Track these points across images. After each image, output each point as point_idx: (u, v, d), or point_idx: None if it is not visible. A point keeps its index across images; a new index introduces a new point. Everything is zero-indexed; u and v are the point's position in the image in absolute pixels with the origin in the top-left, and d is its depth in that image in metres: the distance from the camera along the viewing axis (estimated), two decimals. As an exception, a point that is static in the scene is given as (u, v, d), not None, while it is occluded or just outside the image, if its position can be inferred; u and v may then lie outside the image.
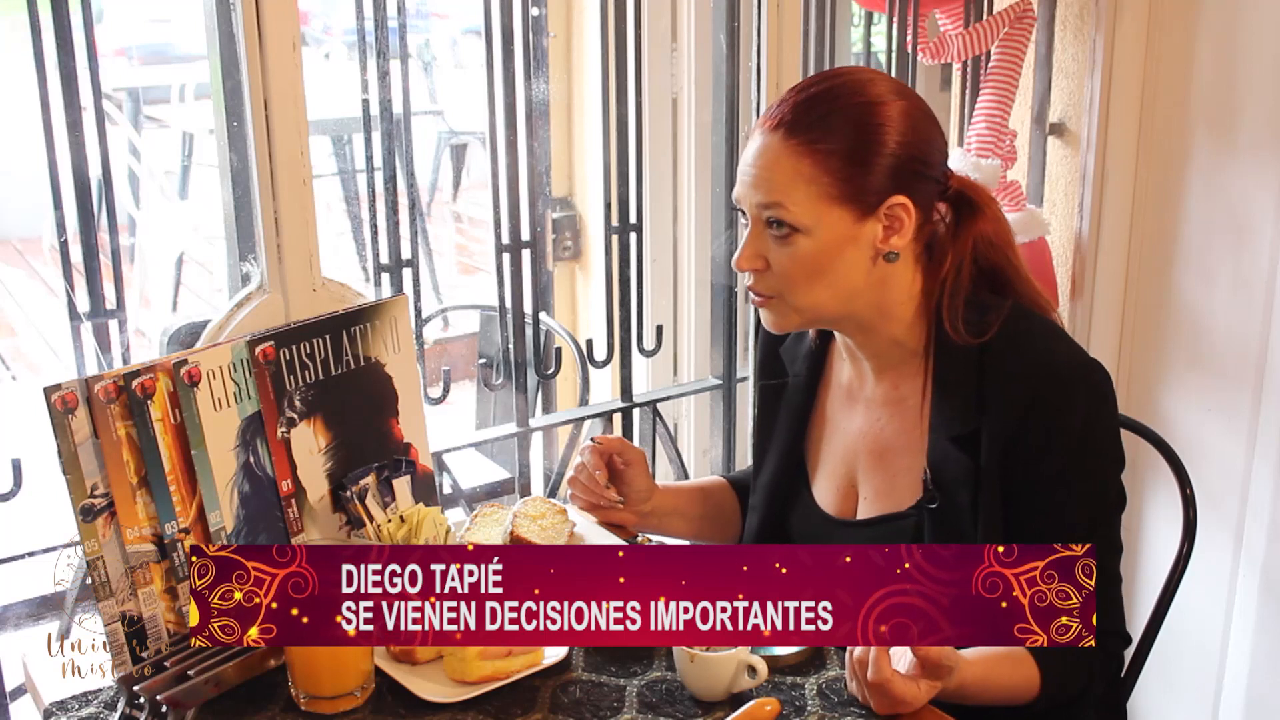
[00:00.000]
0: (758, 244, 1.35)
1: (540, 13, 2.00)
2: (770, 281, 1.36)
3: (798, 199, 1.31)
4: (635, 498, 1.62)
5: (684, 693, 1.30)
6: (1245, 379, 2.23)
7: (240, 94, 1.55)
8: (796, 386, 1.54)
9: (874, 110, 1.31)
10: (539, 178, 1.94)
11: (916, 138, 1.33)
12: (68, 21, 1.47)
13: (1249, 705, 2.31)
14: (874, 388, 1.46)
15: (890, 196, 1.32)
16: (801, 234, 1.32)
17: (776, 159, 1.32)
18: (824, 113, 1.31)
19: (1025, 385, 1.33)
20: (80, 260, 1.56)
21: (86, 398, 1.24)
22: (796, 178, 1.31)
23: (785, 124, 1.32)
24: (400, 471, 1.54)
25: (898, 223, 1.33)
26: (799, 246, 1.32)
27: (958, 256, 1.37)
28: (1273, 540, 2.22)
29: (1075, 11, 2.37)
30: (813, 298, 1.35)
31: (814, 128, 1.31)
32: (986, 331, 1.35)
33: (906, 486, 1.42)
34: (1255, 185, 2.18)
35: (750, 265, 1.36)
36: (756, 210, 1.34)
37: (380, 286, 1.81)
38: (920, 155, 1.34)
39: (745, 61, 2.05)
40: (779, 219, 1.32)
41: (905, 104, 1.34)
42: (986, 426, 1.33)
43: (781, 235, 1.33)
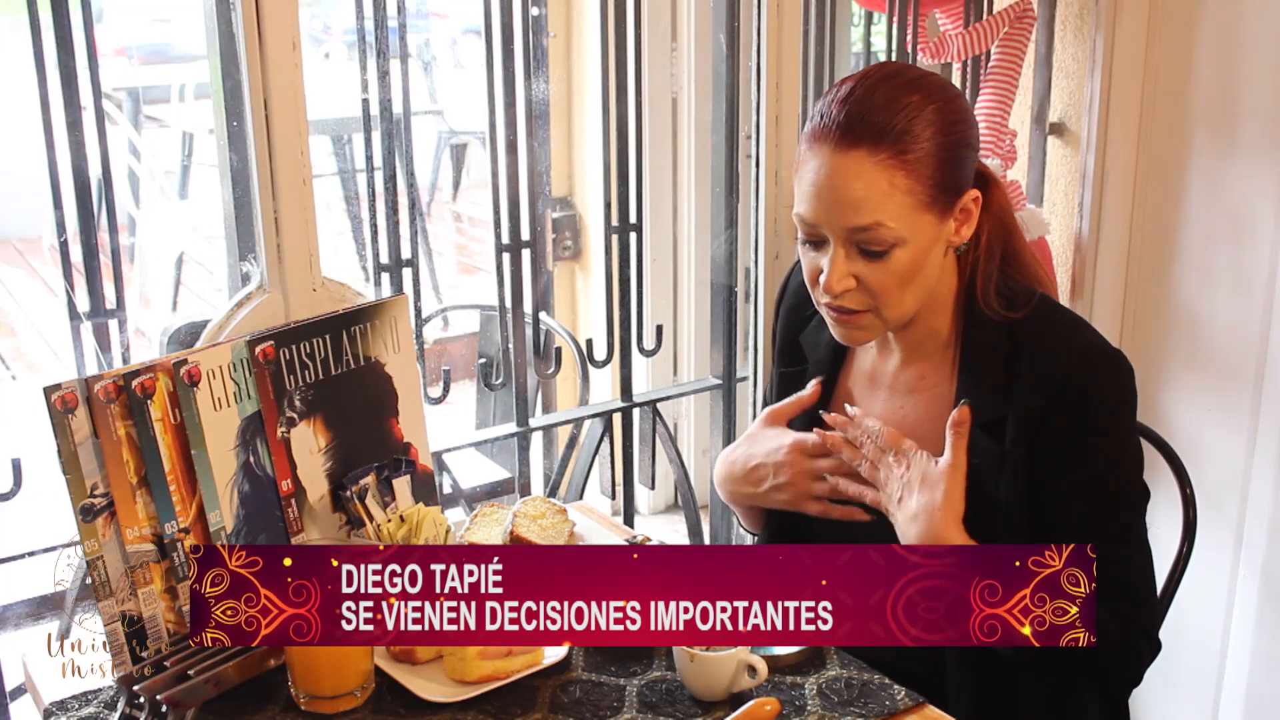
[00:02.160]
0: (848, 265, 1.31)
1: (540, 13, 2.00)
2: (863, 297, 1.33)
3: (893, 214, 1.27)
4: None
5: (684, 693, 1.30)
6: (1245, 379, 2.23)
7: (240, 94, 1.55)
8: (816, 374, 1.52)
9: (937, 109, 1.30)
10: (539, 177, 1.94)
11: (969, 128, 1.34)
12: (68, 21, 1.47)
13: (1249, 705, 2.31)
14: (899, 375, 1.46)
15: (965, 191, 1.33)
16: (898, 247, 1.29)
17: (865, 177, 1.27)
18: (898, 120, 1.28)
19: (1054, 371, 1.32)
20: (80, 260, 1.56)
21: (86, 397, 1.24)
22: (892, 191, 1.27)
23: (864, 140, 1.27)
24: (400, 471, 1.54)
25: (967, 214, 1.34)
26: (896, 260, 1.29)
27: (989, 232, 1.38)
28: (1273, 540, 2.22)
29: (1075, 11, 2.37)
30: (905, 306, 1.34)
31: (894, 138, 1.27)
32: (1017, 307, 1.35)
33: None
34: (1255, 185, 2.18)
35: (843, 287, 1.31)
36: (845, 234, 1.29)
37: (380, 286, 1.81)
38: (972, 142, 1.34)
39: (745, 61, 2.05)
40: (878, 239, 1.28)
41: (952, 92, 1.34)
42: (1014, 412, 1.33)
43: (877, 252, 1.29)
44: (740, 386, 2.27)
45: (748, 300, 2.14)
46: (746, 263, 2.12)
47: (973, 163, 1.34)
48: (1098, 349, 1.35)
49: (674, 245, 3.44)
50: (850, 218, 1.28)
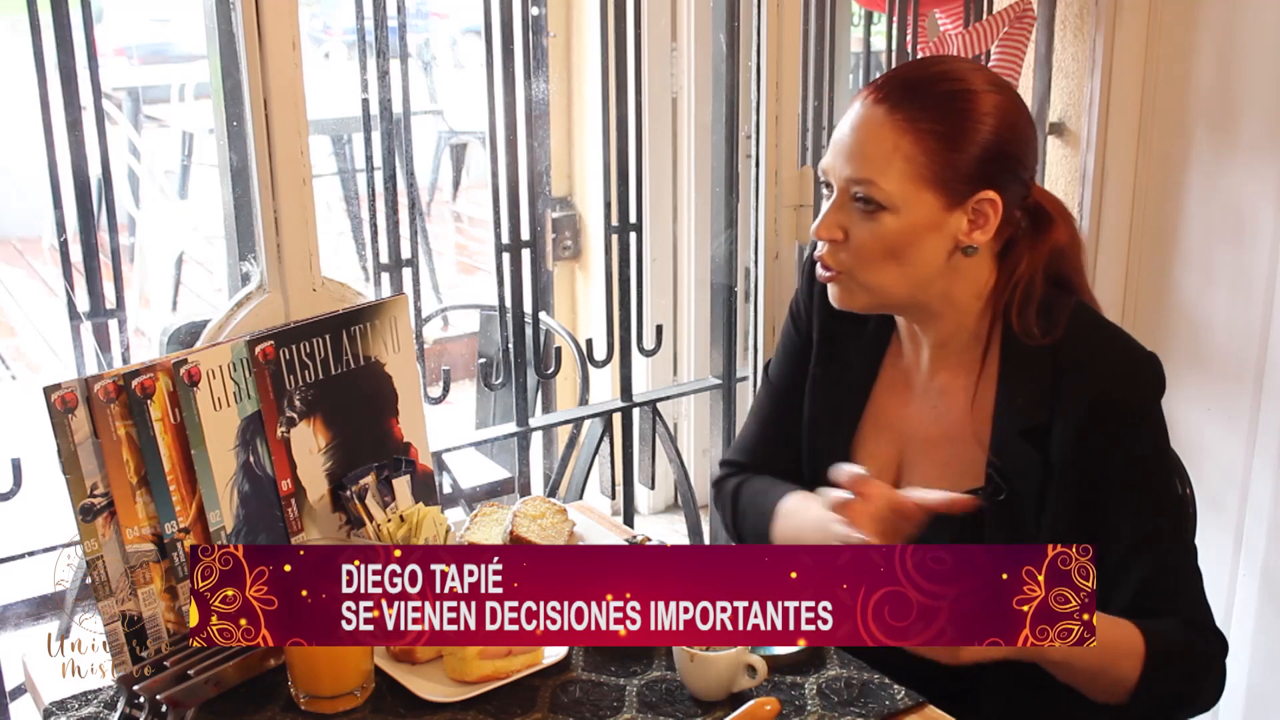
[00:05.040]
0: (840, 215, 1.33)
1: (540, 12, 2.00)
2: (842, 257, 1.34)
3: (891, 176, 1.29)
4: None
5: (684, 692, 1.30)
6: (1245, 379, 2.23)
7: (240, 94, 1.55)
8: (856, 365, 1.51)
9: (979, 99, 1.31)
10: (539, 177, 1.95)
11: (1015, 135, 1.33)
12: (68, 21, 1.47)
13: (1249, 705, 2.31)
14: (930, 376, 1.45)
15: (981, 190, 1.31)
16: (888, 212, 1.30)
17: (876, 131, 1.30)
18: (930, 93, 1.30)
19: (1100, 379, 1.32)
20: (80, 260, 1.56)
21: (86, 397, 1.24)
22: (895, 153, 1.29)
23: (889, 98, 1.30)
24: (400, 471, 1.54)
25: (983, 218, 1.33)
26: (883, 224, 1.31)
27: (1033, 264, 1.37)
28: (1272, 540, 2.22)
29: (1075, 11, 2.37)
30: (882, 278, 1.34)
31: (917, 105, 1.29)
32: (1056, 330, 1.35)
33: (955, 475, 1.41)
34: (1255, 185, 2.18)
35: (829, 234, 1.34)
36: (845, 184, 1.32)
37: (380, 286, 1.81)
38: (1016, 154, 1.33)
39: (745, 61, 2.05)
40: (868, 196, 1.30)
41: (1008, 99, 1.33)
42: (1060, 420, 1.33)
43: (868, 210, 1.31)
44: (740, 386, 2.27)
45: (748, 300, 2.14)
46: (746, 263, 2.13)
47: (999, 167, 1.32)
48: (1137, 353, 1.35)
49: (674, 245, 3.44)
50: (848, 167, 1.31)
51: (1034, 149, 1.37)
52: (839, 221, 1.33)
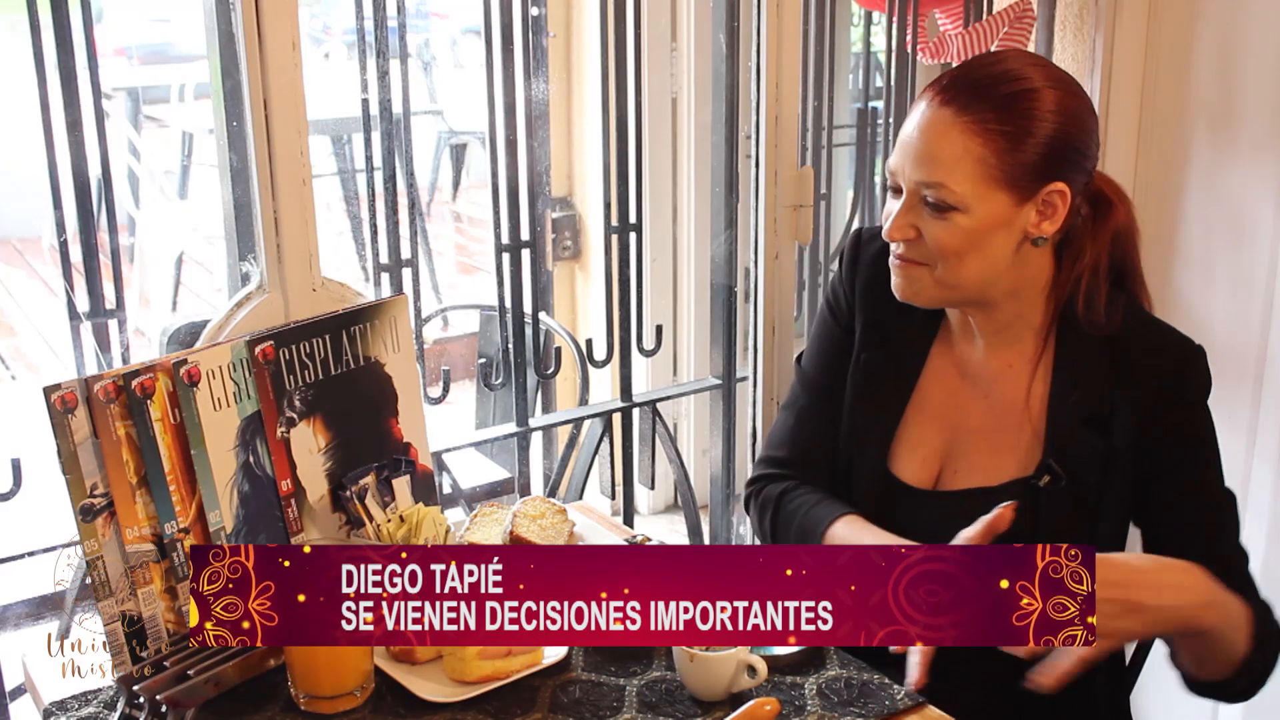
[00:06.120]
0: (910, 215, 1.35)
1: (540, 13, 2.00)
2: (922, 250, 1.36)
3: (960, 177, 1.30)
4: None
5: (684, 693, 1.30)
6: (1245, 379, 2.23)
7: (240, 94, 1.55)
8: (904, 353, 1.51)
9: (1042, 96, 1.32)
10: (539, 178, 1.95)
11: (1079, 128, 1.34)
12: (67, 21, 1.47)
13: (1249, 704, 2.30)
14: (984, 362, 1.47)
15: (1050, 183, 1.33)
16: (959, 212, 1.32)
17: (944, 134, 1.31)
18: (996, 94, 1.31)
19: (1160, 368, 1.37)
20: (80, 260, 1.56)
21: (86, 397, 1.24)
22: (964, 155, 1.30)
23: (956, 100, 1.31)
24: (400, 471, 1.54)
25: (1051, 209, 1.34)
26: (955, 223, 1.32)
27: (1096, 251, 1.39)
28: (1272, 540, 2.22)
29: (1075, 11, 2.37)
30: (958, 274, 1.36)
31: (985, 106, 1.30)
32: (1114, 322, 1.38)
33: (1005, 462, 1.43)
34: (1255, 185, 2.18)
35: (902, 235, 1.36)
36: (915, 186, 1.33)
37: (380, 286, 1.81)
38: (1080, 145, 1.35)
39: (745, 61, 2.05)
40: (939, 198, 1.32)
41: (1069, 93, 1.35)
42: (1121, 408, 1.37)
43: (939, 211, 1.32)
44: (740, 386, 2.27)
45: (747, 300, 2.14)
46: (746, 263, 2.13)
47: (1065, 159, 1.33)
48: (1188, 342, 1.40)
49: (674, 245, 3.44)
50: (919, 170, 1.33)
51: (1096, 138, 1.38)
52: (910, 222, 1.35)
